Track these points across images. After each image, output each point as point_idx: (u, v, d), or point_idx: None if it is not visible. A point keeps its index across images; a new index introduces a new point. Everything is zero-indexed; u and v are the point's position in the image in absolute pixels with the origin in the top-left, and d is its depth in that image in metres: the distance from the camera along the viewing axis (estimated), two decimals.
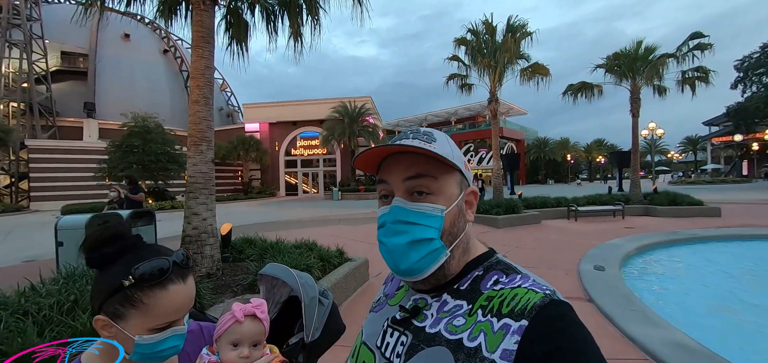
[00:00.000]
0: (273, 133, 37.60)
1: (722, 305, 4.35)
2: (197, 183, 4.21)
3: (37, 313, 2.47)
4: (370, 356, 0.62)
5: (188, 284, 0.69)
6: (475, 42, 12.97)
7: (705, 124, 56.25)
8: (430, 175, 0.57)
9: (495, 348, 0.47)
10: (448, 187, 0.58)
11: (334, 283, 4.04)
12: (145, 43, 43.49)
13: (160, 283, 0.64)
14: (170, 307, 0.65)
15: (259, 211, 19.41)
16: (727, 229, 8.44)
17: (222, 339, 0.75)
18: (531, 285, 0.52)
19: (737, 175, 43.02)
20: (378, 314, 0.68)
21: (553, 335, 0.45)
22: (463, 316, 0.53)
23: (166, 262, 0.66)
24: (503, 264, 0.59)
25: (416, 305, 0.60)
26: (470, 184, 0.63)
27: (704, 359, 2.58)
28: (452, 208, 0.58)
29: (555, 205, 12.59)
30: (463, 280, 0.58)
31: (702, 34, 12.61)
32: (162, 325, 0.66)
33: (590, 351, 0.45)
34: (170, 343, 0.67)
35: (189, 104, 4.31)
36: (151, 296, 0.64)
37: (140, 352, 0.65)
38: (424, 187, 0.56)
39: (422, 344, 0.54)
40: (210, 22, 4.35)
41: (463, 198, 0.60)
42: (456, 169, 0.59)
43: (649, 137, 21.81)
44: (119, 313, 0.64)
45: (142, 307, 0.63)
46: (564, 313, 0.48)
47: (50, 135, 32.15)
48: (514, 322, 0.47)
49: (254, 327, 0.75)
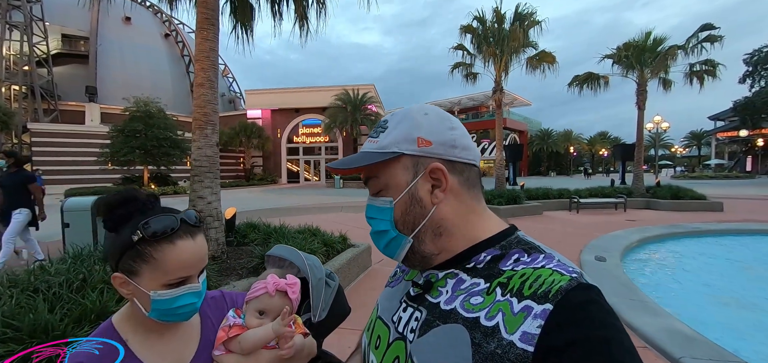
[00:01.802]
0: (275, 119, 37.50)
1: (722, 297, 4.39)
2: (202, 167, 4.22)
3: (46, 291, 2.51)
4: (385, 330, 0.62)
5: (198, 241, 0.71)
6: (482, 30, 12.81)
7: (710, 119, 55.75)
8: (373, 175, 0.60)
9: (514, 329, 0.44)
10: (393, 178, 0.58)
11: (337, 268, 4.08)
12: (146, 26, 43.17)
13: (168, 239, 0.66)
14: (179, 262, 0.67)
15: (261, 197, 19.48)
16: (729, 223, 8.44)
17: (250, 304, 0.78)
18: (556, 266, 0.49)
19: (741, 171, 42.77)
20: (394, 289, 0.68)
21: (580, 322, 0.43)
22: (480, 294, 0.51)
23: (174, 219, 0.68)
24: (525, 242, 0.56)
25: (428, 279, 0.59)
26: (443, 155, 0.57)
27: (702, 347, 2.61)
28: (401, 198, 0.57)
29: (557, 196, 12.59)
30: (478, 259, 0.56)
31: (713, 26, 12.41)
32: (174, 280, 0.67)
33: (619, 339, 0.42)
34: (185, 300, 0.69)
35: (194, 87, 4.30)
36: (161, 251, 0.66)
37: (157, 308, 0.67)
38: (375, 185, 0.61)
39: (437, 320, 0.53)
40: (215, 3, 4.31)
41: (421, 180, 0.57)
42: (400, 155, 0.57)
43: (654, 130, 21.65)
44: (133, 270, 0.66)
45: (153, 262, 0.66)
46: (592, 298, 0.45)
47: (52, 119, 32.18)
48: (537, 305, 0.45)
49: (283, 303, 0.77)
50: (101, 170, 23.94)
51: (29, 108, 31.64)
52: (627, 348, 0.42)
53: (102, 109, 34.12)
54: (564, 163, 57.44)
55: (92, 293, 2.47)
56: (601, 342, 0.41)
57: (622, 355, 0.41)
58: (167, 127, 23.03)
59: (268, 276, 0.78)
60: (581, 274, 0.48)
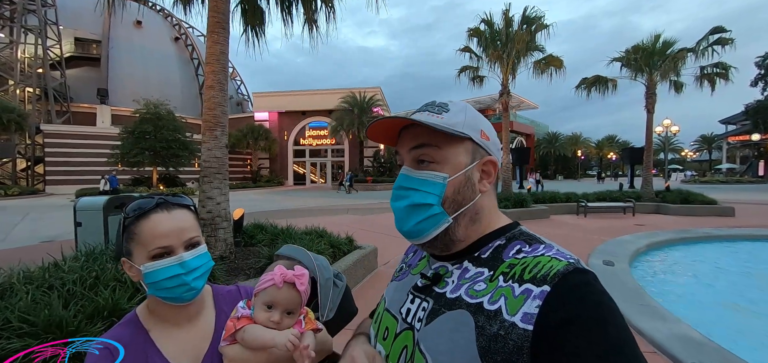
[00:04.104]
0: (282, 122, 37.74)
1: (733, 303, 4.31)
2: (211, 167, 4.28)
3: (61, 288, 2.57)
4: (393, 322, 0.64)
5: (174, 214, 0.76)
6: (489, 33, 12.79)
7: (721, 122, 54.82)
8: (433, 144, 0.59)
9: (515, 311, 0.47)
10: (453, 156, 0.59)
11: (343, 269, 4.10)
12: (156, 30, 43.84)
13: (143, 215, 0.74)
14: (154, 232, 0.73)
15: (268, 199, 19.60)
16: (740, 228, 8.28)
17: (258, 297, 0.77)
18: (555, 254, 0.52)
19: (753, 176, 41.95)
20: (401, 283, 0.70)
21: (576, 302, 0.45)
22: (484, 281, 0.54)
23: (150, 200, 0.76)
24: (527, 234, 0.59)
25: (437, 272, 0.61)
26: (492, 154, 0.62)
27: (712, 353, 2.58)
28: (457, 177, 0.59)
29: (564, 200, 12.47)
30: (484, 249, 0.59)
31: (723, 29, 12.24)
32: (154, 251, 0.72)
33: (614, 319, 0.44)
34: (171, 272, 0.73)
35: (204, 90, 4.37)
36: (139, 226, 0.74)
37: (149, 282, 0.73)
38: (427, 156, 0.60)
39: (443, 308, 0.55)
40: (226, 7, 4.38)
41: (476, 167, 0.60)
42: (466, 138, 0.59)
43: (664, 134, 21.36)
44: (129, 251, 0.75)
45: (136, 237, 0.74)
46: (588, 281, 0.48)
47: (64, 120, 32.78)
48: (536, 287, 0.47)
49: (291, 295, 0.76)
50: (112, 171, 24.31)
51: (42, 110, 32.28)
52: (621, 326, 0.44)
53: (113, 111, 34.66)
54: (571, 166, 56.90)
55: (105, 291, 2.52)
56: (596, 321, 0.44)
57: (617, 332, 0.44)
58: (176, 129, 23.34)
59: (275, 267, 0.78)
60: (578, 260, 0.51)
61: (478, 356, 0.48)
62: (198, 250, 0.77)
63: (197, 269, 0.76)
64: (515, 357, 0.45)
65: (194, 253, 0.76)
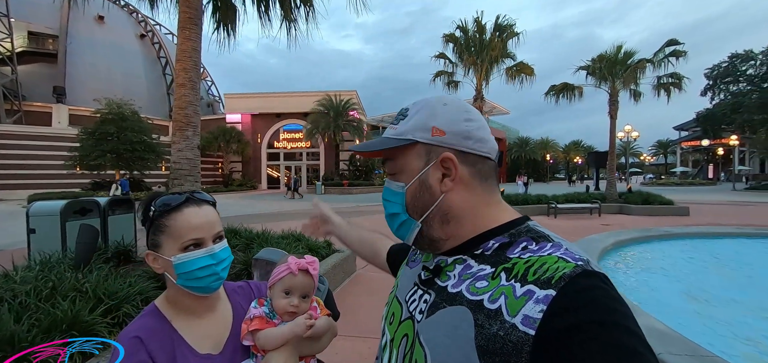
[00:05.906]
0: (255, 124, 36.81)
1: (694, 297, 4.61)
2: (182, 169, 4.08)
3: (12, 300, 2.35)
4: (399, 308, 0.65)
5: (204, 209, 0.81)
6: (464, 39, 13.11)
7: (675, 129, 58.94)
8: (391, 157, 0.63)
9: (516, 312, 0.45)
10: (408, 164, 0.60)
11: (322, 273, 4.00)
12: (120, 26, 41.59)
13: (176, 208, 0.78)
14: (188, 225, 0.77)
15: (241, 203, 19.04)
16: (695, 226, 8.91)
17: (276, 286, 0.84)
18: (562, 254, 0.49)
19: (703, 178, 45.40)
20: (412, 270, 0.70)
21: (584, 307, 0.42)
22: (485, 278, 0.52)
23: (180, 195, 0.80)
24: (534, 231, 0.57)
25: (438, 265, 0.61)
26: (456, 146, 0.58)
27: (678, 343, 2.73)
28: (412, 184, 0.60)
29: (535, 202, 12.96)
30: (487, 246, 0.57)
31: (677, 42, 13.20)
32: (187, 242, 0.76)
33: (625, 324, 0.41)
34: (203, 262, 0.77)
35: (175, 88, 4.17)
36: (171, 219, 0.77)
37: (180, 272, 0.76)
38: (391, 167, 0.63)
39: (444, 302, 0.55)
40: (198, 2, 4.21)
41: (432, 168, 0.58)
42: (415, 143, 0.59)
43: (625, 139, 22.67)
44: (157, 243, 0.78)
45: (167, 230, 0.77)
46: (597, 284, 0.44)
47: (16, 120, 30.33)
48: (539, 290, 0.45)
49: (305, 280, 0.84)
50: (69, 174, 22.71)
51: None
52: (634, 332, 0.41)
53: (71, 111, 32.48)
54: (541, 170, 59.15)
55: (63, 302, 2.33)
56: (606, 326, 0.40)
57: (629, 338, 0.40)
58: (142, 131, 22.09)
59: (288, 258, 0.85)
60: (588, 261, 0.47)
61: (476, 354, 0.47)
62: (224, 243, 0.83)
63: (225, 261, 0.82)
64: (514, 359, 0.43)
65: (221, 245, 0.82)
